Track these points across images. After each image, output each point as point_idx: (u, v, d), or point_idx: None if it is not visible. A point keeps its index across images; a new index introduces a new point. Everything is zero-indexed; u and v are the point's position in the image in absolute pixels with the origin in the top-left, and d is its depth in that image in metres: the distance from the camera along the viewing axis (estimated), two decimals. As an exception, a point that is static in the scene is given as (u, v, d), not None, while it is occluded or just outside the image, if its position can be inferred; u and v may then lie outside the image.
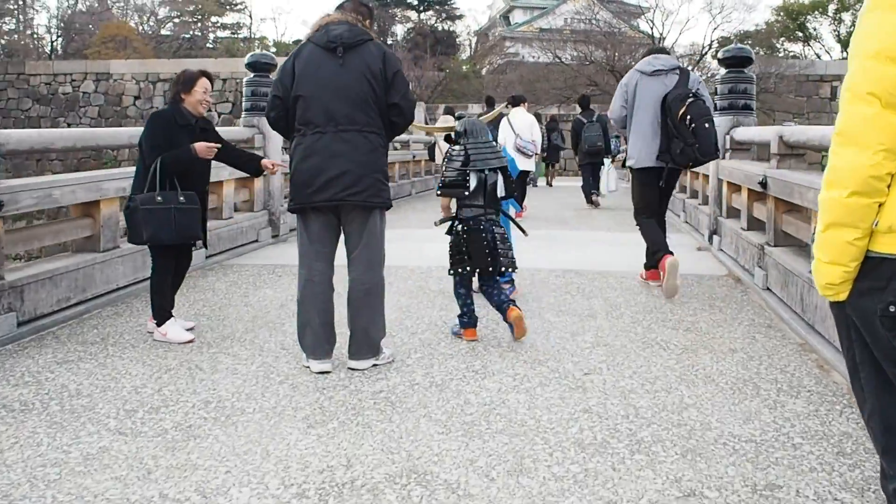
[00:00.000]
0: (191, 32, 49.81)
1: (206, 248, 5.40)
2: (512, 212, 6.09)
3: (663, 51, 7.12)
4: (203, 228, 5.26)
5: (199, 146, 5.07)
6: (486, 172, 5.02)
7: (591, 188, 14.33)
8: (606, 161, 14.50)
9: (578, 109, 15.44)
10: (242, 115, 9.37)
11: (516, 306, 5.03)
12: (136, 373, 4.42)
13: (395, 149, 17.36)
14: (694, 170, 11.06)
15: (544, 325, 5.47)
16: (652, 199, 6.77)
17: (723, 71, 8.91)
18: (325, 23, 4.51)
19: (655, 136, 6.48)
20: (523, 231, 5.88)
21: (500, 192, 5.11)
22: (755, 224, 7.32)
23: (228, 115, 30.08)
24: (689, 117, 6.21)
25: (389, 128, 4.54)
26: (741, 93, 8.69)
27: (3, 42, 46.07)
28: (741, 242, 7.43)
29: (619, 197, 14.78)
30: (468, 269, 5.02)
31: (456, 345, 4.96)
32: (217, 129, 5.60)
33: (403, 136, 18.41)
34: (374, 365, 4.50)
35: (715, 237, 8.74)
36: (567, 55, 38.09)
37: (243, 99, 9.19)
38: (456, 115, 19.07)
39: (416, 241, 8.77)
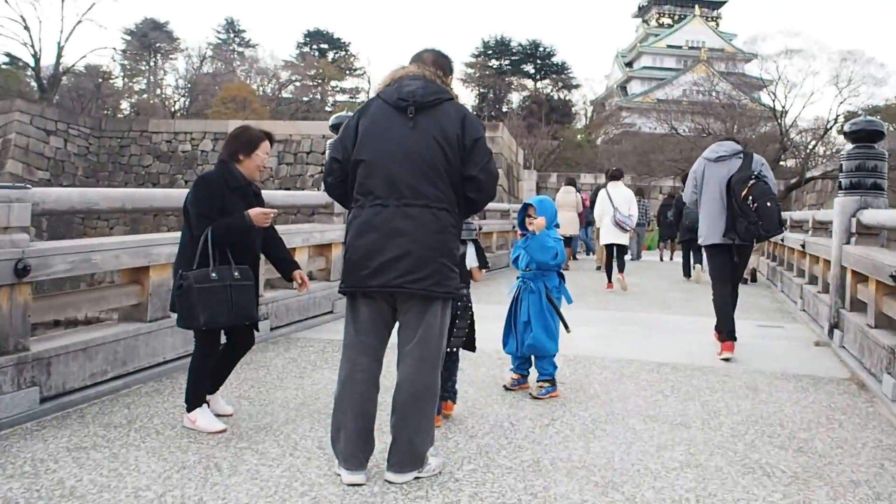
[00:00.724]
0: (310, 95, 51.27)
1: (257, 329, 4.83)
2: (563, 303, 5.48)
3: (729, 139, 7.61)
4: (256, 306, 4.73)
5: (255, 213, 4.57)
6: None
7: (689, 264, 14.52)
8: None
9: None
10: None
11: (454, 401, 4.87)
12: (147, 469, 3.88)
13: (498, 217, 16.84)
14: (813, 252, 10.13)
15: (627, 434, 4.68)
16: (723, 270, 7.21)
17: (849, 146, 7.97)
18: (398, 76, 3.90)
19: (721, 216, 6.97)
20: (566, 327, 5.35)
21: (472, 262, 4.81)
22: (884, 321, 6.31)
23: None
24: (751, 197, 6.74)
25: (465, 204, 3.88)
26: (870, 170, 7.72)
27: (133, 101, 48.48)
28: (867, 342, 6.42)
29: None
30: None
31: (518, 455, 4.23)
32: (297, 192, 5.07)
33: (503, 205, 17.90)
34: (417, 478, 3.82)
35: (836, 332, 7.70)
36: (684, 126, 37.21)
37: (325, 161, 8.82)
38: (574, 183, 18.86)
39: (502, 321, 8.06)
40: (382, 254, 3.67)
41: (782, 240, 13.19)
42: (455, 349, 4.75)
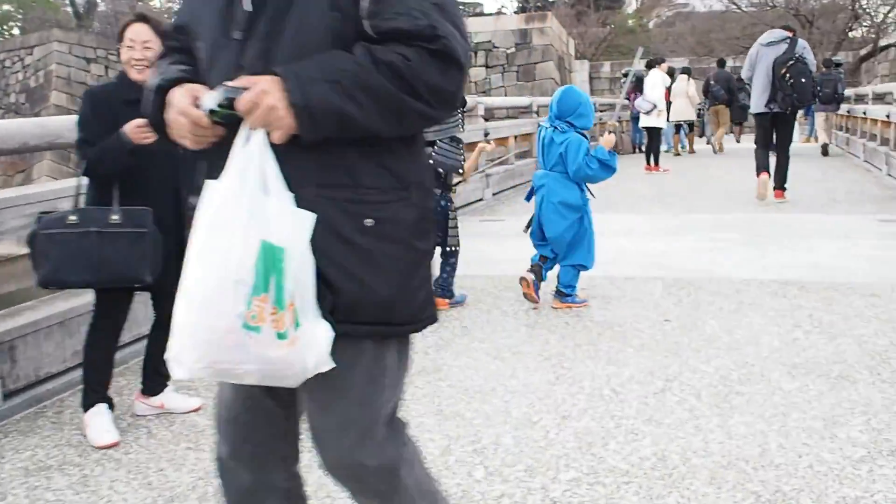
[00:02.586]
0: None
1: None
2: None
3: (781, 28, 9.66)
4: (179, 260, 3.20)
5: (131, 127, 3.17)
6: None
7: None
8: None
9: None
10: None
11: (447, 298, 4.99)
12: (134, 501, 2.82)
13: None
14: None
15: (774, 399, 3.43)
16: (765, 136, 9.27)
17: None
18: None
19: (765, 91, 8.85)
20: None
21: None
22: None
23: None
24: (788, 75, 8.58)
25: None
26: None
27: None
28: None
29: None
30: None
31: (635, 449, 3.04)
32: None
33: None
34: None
35: None
36: (745, 1, 34.39)
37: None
38: (622, 72, 17.59)
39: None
40: None
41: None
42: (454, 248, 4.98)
